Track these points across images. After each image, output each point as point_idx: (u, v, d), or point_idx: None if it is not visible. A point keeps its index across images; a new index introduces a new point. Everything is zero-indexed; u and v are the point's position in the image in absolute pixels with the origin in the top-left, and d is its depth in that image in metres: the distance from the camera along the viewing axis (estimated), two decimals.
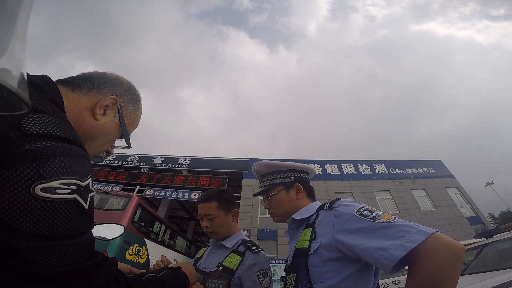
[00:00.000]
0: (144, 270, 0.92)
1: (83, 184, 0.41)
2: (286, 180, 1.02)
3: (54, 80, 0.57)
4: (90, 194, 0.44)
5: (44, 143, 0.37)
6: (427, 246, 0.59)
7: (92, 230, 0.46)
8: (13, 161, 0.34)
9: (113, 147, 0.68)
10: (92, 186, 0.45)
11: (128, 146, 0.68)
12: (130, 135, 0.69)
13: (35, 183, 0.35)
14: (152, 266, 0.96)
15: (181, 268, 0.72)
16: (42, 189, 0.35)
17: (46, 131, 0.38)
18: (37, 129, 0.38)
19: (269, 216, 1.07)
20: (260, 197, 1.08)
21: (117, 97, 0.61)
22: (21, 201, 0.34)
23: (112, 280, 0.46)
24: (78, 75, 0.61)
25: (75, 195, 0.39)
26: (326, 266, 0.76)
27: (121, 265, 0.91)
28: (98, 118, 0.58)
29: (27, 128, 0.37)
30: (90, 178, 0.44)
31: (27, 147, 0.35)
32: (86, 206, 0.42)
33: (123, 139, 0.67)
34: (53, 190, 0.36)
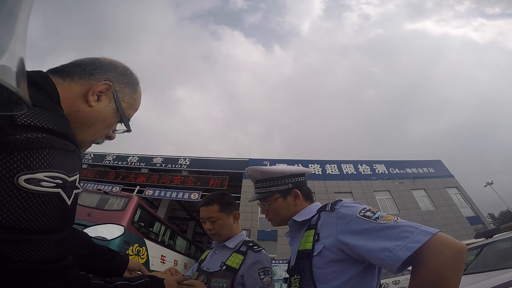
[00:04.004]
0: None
1: (70, 179, 0.41)
2: (284, 188, 0.99)
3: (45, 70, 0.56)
4: (75, 191, 0.43)
5: (34, 134, 0.37)
6: (430, 246, 0.60)
7: (70, 228, 0.44)
8: (1, 149, 0.34)
9: (115, 131, 0.68)
10: (79, 183, 0.44)
11: (128, 130, 0.67)
12: (130, 120, 0.68)
13: (20, 173, 0.34)
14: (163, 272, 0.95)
15: (163, 280, 0.66)
16: (26, 180, 0.35)
17: (37, 123, 0.38)
18: (29, 121, 0.37)
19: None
20: (257, 201, 1.06)
21: (111, 82, 0.60)
22: (2, 190, 0.33)
23: (73, 284, 0.43)
24: (69, 63, 0.60)
25: (59, 190, 0.39)
26: (330, 267, 0.76)
27: (133, 262, 0.94)
28: (92, 105, 0.57)
29: (19, 119, 0.37)
30: (78, 175, 0.43)
31: (18, 137, 0.35)
32: (69, 202, 0.41)
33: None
34: (37, 182, 0.36)
